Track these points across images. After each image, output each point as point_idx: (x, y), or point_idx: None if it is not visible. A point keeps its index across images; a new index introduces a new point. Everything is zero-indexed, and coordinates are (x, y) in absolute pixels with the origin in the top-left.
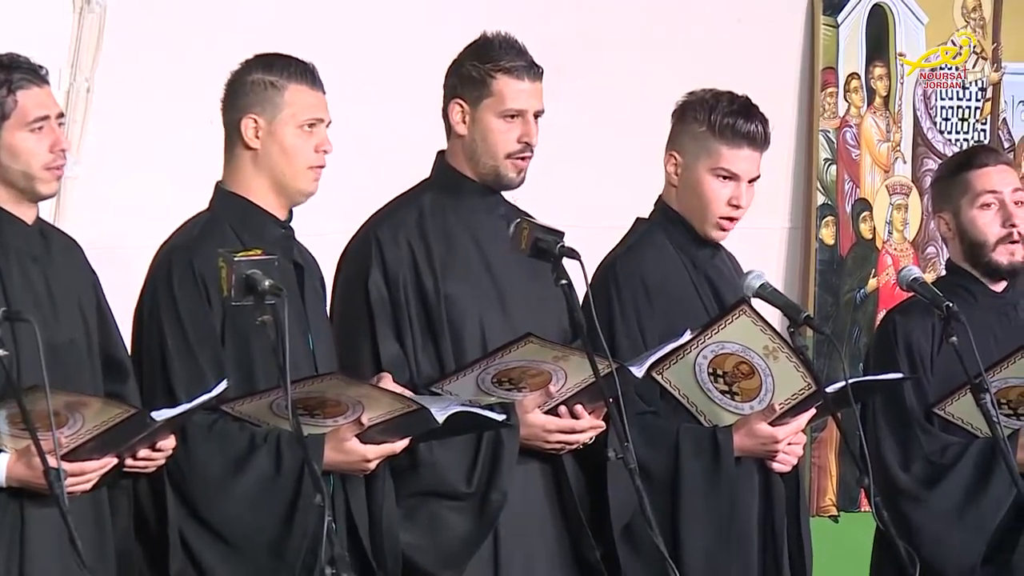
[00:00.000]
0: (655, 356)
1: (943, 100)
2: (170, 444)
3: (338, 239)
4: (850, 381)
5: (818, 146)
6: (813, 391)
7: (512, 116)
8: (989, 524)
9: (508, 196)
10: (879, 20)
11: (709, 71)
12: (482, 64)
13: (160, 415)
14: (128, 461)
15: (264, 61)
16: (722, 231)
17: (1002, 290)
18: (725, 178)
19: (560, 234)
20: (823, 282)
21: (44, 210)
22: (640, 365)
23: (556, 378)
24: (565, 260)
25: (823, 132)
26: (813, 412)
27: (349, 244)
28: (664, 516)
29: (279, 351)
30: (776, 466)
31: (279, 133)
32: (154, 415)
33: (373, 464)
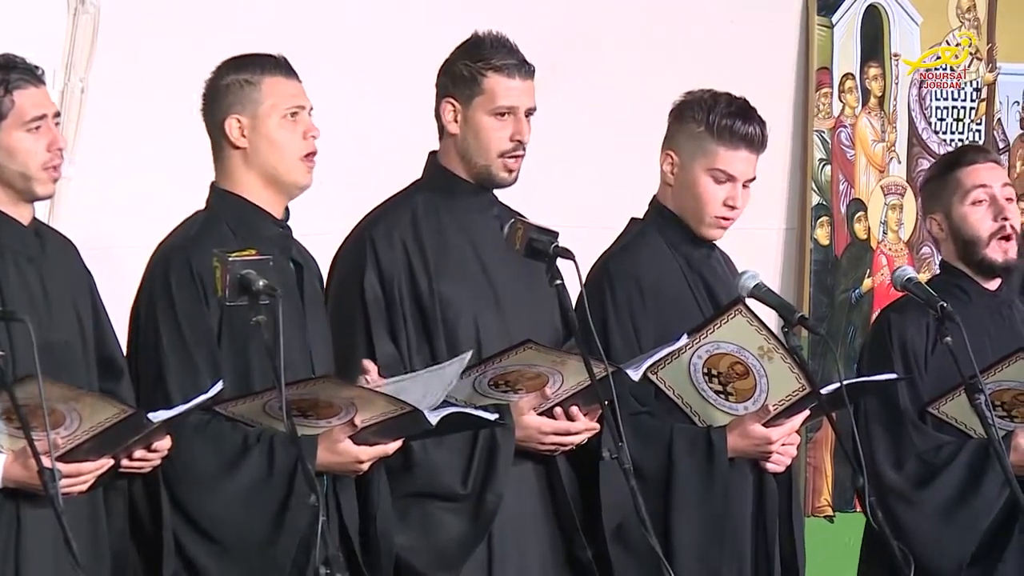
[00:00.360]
0: (651, 360)
1: (938, 100)
2: (166, 445)
3: (337, 239)
4: (845, 382)
5: (813, 146)
6: (807, 392)
7: (503, 114)
8: (980, 525)
9: (506, 195)
10: (874, 20)
11: (705, 71)
12: (473, 63)
13: (157, 416)
14: (124, 462)
15: (235, 63)
16: (719, 229)
17: (996, 288)
18: (721, 179)
19: (555, 234)
20: (818, 282)
21: (39, 210)
22: (636, 368)
23: (553, 380)
24: (560, 260)
25: (818, 132)
26: (807, 414)
27: (343, 245)
28: (657, 516)
29: (275, 352)
30: (770, 467)
31: (264, 127)
32: (151, 416)
33: (366, 465)
